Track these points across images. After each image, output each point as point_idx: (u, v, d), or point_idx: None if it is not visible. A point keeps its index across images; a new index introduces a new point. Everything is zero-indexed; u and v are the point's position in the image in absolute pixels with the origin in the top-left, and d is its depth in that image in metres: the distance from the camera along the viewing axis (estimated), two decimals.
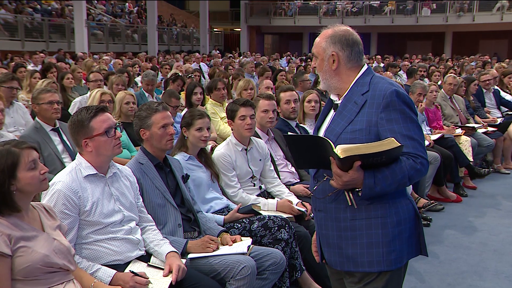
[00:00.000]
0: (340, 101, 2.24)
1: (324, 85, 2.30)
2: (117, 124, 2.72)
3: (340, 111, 2.21)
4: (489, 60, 17.14)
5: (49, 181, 2.38)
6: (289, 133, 1.93)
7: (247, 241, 3.04)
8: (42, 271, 2.15)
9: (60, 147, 4.21)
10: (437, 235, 4.92)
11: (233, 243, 3.01)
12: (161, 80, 9.69)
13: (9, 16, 20.61)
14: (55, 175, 2.69)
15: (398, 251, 2.16)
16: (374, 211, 2.14)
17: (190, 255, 2.86)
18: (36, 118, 4.34)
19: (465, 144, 6.56)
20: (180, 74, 8.18)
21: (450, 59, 20.67)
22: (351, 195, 2.10)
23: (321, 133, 2.27)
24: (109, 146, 2.64)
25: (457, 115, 7.23)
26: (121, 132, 2.75)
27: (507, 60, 17.27)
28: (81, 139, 2.62)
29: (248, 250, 2.91)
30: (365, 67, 2.25)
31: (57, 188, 2.51)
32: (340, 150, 1.95)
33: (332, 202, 2.18)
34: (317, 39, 2.26)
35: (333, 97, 2.31)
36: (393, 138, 2.00)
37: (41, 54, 14.06)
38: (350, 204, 2.12)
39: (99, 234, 2.59)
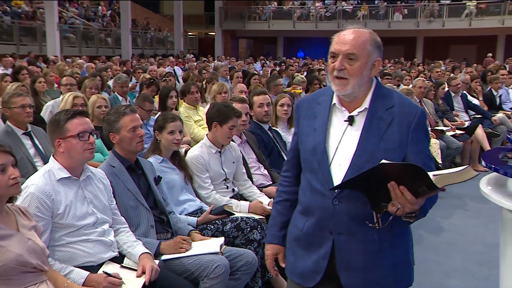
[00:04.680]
0: (356, 114, 2.05)
1: (350, 90, 2.02)
2: (93, 130, 2.73)
3: (367, 127, 2.02)
4: (459, 65, 17.54)
5: (21, 185, 2.39)
6: (384, 161, 1.83)
7: (220, 239, 3.09)
8: (16, 271, 2.17)
9: (32, 151, 4.19)
10: None
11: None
12: (136, 83, 9.65)
13: None
14: (27, 179, 2.69)
15: (413, 265, 2.20)
16: (397, 230, 2.09)
17: (163, 257, 2.90)
18: (7, 122, 4.31)
19: (434, 147, 6.72)
20: (155, 80, 8.18)
21: (421, 64, 21.07)
22: (379, 216, 2.00)
23: (340, 149, 2.05)
24: (80, 149, 2.64)
25: None
26: (96, 139, 2.77)
27: (474, 65, 17.68)
28: (55, 139, 2.65)
29: (220, 249, 2.96)
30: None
31: (30, 191, 2.52)
32: (434, 179, 1.81)
33: (361, 224, 2.03)
34: (358, 38, 2.00)
35: (339, 106, 2.09)
36: (470, 167, 1.88)
37: (10, 58, 13.81)
38: (378, 226, 2.01)
39: (72, 237, 2.60)
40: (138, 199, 3.05)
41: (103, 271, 2.56)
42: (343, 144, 2.04)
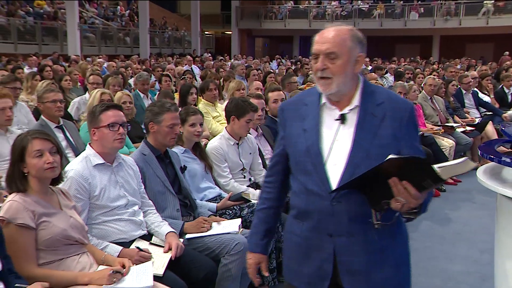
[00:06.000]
0: (347, 112, 2.02)
1: (335, 88, 1.99)
2: (125, 122, 3.04)
3: (361, 124, 1.99)
4: (474, 63, 17.63)
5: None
6: (391, 156, 1.77)
7: (237, 220, 3.40)
8: (61, 243, 2.49)
9: (64, 143, 4.52)
10: (414, 225, 5.27)
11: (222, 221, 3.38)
12: (155, 81, 10.00)
13: (1, 19, 20.82)
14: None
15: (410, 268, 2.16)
16: (397, 229, 2.06)
17: (187, 235, 3.21)
18: (42, 116, 4.65)
19: (450, 150, 6.95)
20: (166, 73, 8.57)
21: (436, 62, 21.15)
22: (378, 214, 1.95)
23: (335, 148, 2.00)
24: (110, 139, 2.95)
25: (437, 115, 7.63)
26: (126, 130, 3.07)
27: (489, 63, 17.73)
28: (91, 128, 2.99)
29: (239, 229, 3.27)
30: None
31: (70, 175, 2.85)
32: (439, 171, 1.76)
33: (361, 224, 1.99)
34: (337, 36, 1.97)
35: (330, 105, 2.05)
36: (469, 159, 1.79)
37: (35, 58, 14.27)
38: (376, 225, 1.96)
39: (106, 216, 2.93)
40: (165, 185, 3.35)
41: (135, 246, 2.88)
42: (337, 144, 2.00)
